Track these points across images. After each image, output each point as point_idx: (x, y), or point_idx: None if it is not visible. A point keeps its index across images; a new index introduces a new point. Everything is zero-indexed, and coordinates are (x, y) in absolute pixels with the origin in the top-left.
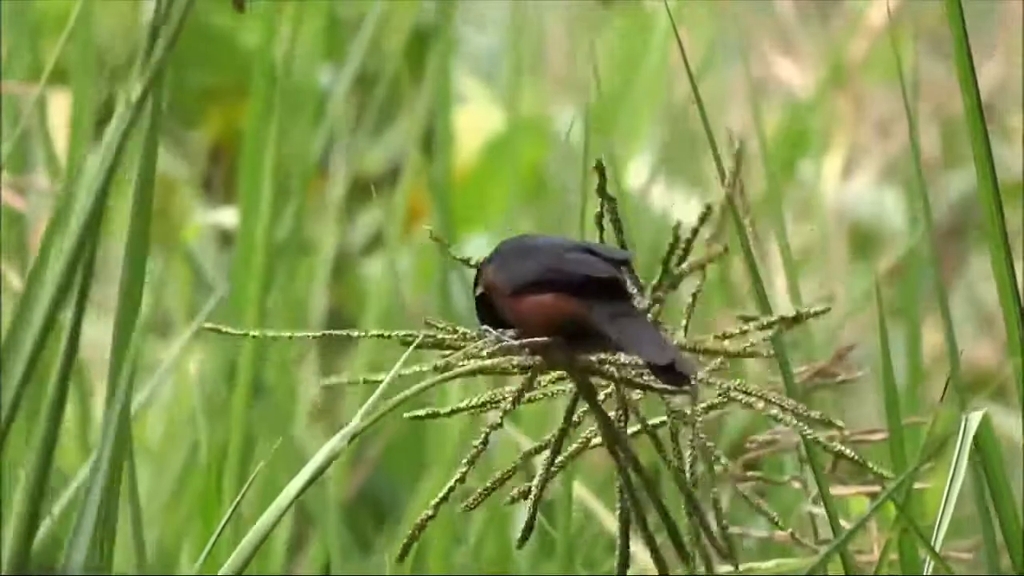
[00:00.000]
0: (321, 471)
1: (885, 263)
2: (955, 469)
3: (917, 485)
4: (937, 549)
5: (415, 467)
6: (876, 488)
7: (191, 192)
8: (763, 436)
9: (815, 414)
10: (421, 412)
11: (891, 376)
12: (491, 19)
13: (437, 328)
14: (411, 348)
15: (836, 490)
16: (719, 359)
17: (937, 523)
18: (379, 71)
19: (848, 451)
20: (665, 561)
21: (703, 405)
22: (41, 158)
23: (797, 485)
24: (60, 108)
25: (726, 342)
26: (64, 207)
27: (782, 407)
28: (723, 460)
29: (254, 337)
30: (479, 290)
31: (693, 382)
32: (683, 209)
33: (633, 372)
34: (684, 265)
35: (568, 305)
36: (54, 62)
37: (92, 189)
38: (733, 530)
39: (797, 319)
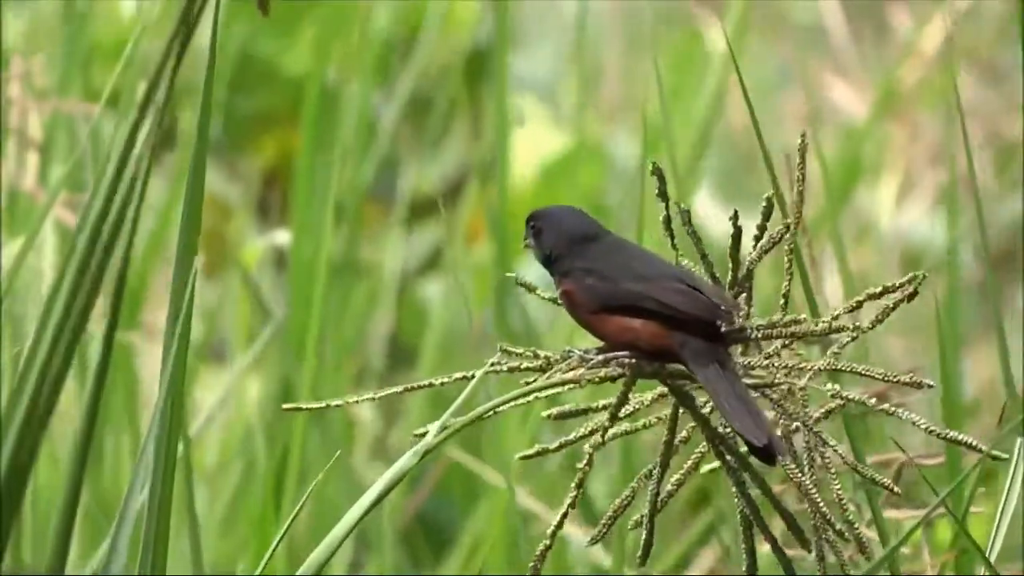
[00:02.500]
0: (390, 489)
1: (939, 289)
2: (1008, 493)
3: (972, 509)
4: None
5: (471, 492)
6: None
7: (246, 217)
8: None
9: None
10: (531, 451)
11: (951, 400)
12: (547, 39)
13: (517, 354)
14: (480, 374)
15: (890, 513)
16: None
17: (990, 545)
18: (434, 93)
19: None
20: (788, 559)
21: (823, 411)
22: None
23: (852, 508)
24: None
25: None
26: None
27: (878, 374)
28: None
29: (324, 408)
30: (559, 290)
31: (779, 456)
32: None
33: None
34: (753, 254)
35: (659, 336)
36: (111, 86)
37: (97, 207)
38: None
39: (884, 293)
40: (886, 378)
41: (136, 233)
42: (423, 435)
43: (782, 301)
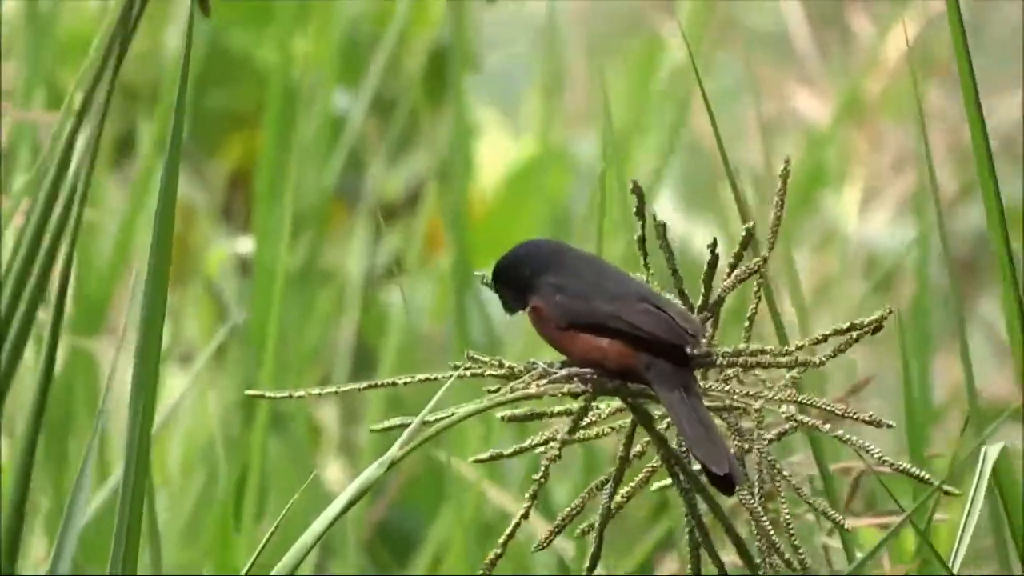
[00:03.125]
0: (355, 501)
1: (902, 297)
2: (973, 500)
3: (936, 516)
4: None
5: (433, 502)
6: (890, 520)
7: (211, 221)
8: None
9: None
10: (485, 455)
11: (913, 407)
12: (511, 43)
13: (482, 362)
14: (450, 380)
15: (850, 522)
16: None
17: (954, 552)
18: (398, 95)
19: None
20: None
21: (774, 434)
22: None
23: (811, 517)
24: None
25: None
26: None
27: (843, 411)
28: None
29: (287, 397)
30: (529, 304)
31: (737, 483)
32: (705, 239)
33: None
34: (726, 282)
35: (626, 357)
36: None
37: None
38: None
39: (851, 330)
40: (845, 414)
41: (77, 236)
42: (382, 430)
43: (747, 324)
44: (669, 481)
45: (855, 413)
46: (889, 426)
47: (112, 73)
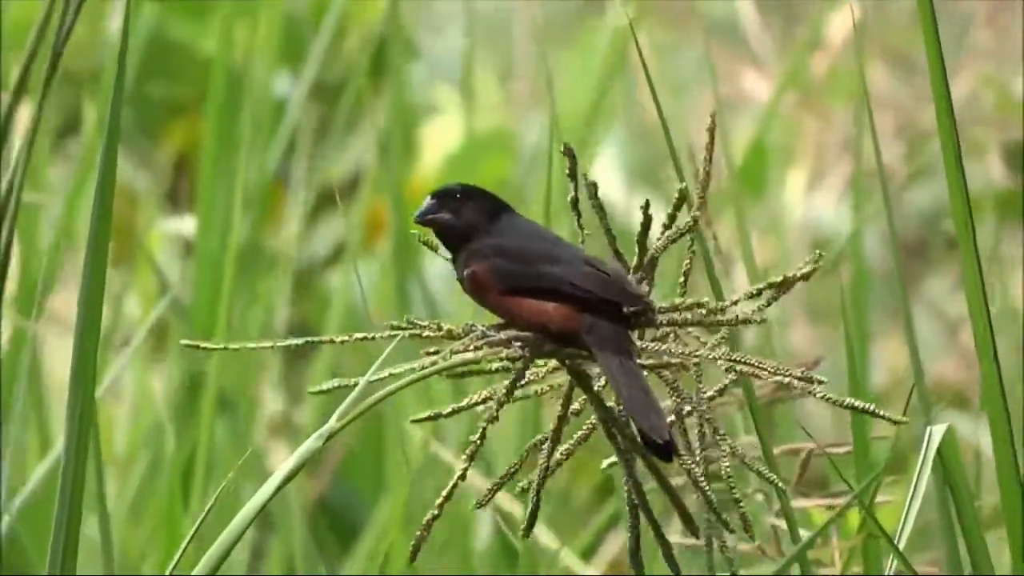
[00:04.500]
0: (295, 473)
1: (846, 278)
2: (918, 480)
3: (880, 498)
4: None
5: (375, 475)
6: (837, 501)
7: (155, 205)
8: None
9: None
10: (423, 415)
11: (857, 387)
12: (458, 25)
13: (421, 325)
14: (393, 343)
15: (798, 502)
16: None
17: (899, 530)
18: (342, 79)
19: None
20: (671, 546)
21: (714, 390)
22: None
23: (760, 497)
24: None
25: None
26: None
27: (777, 370)
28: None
29: (223, 349)
30: (464, 270)
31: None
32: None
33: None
34: (659, 242)
35: (570, 320)
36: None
37: None
38: (696, 542)
39: (785, 283)
40: (776, 372)
41: (16, 218)
42: (319, 392)
43: (682, 280)
44: (615, 459)
45: (787, 370)
46: (820, 382)
47: (54, 56)
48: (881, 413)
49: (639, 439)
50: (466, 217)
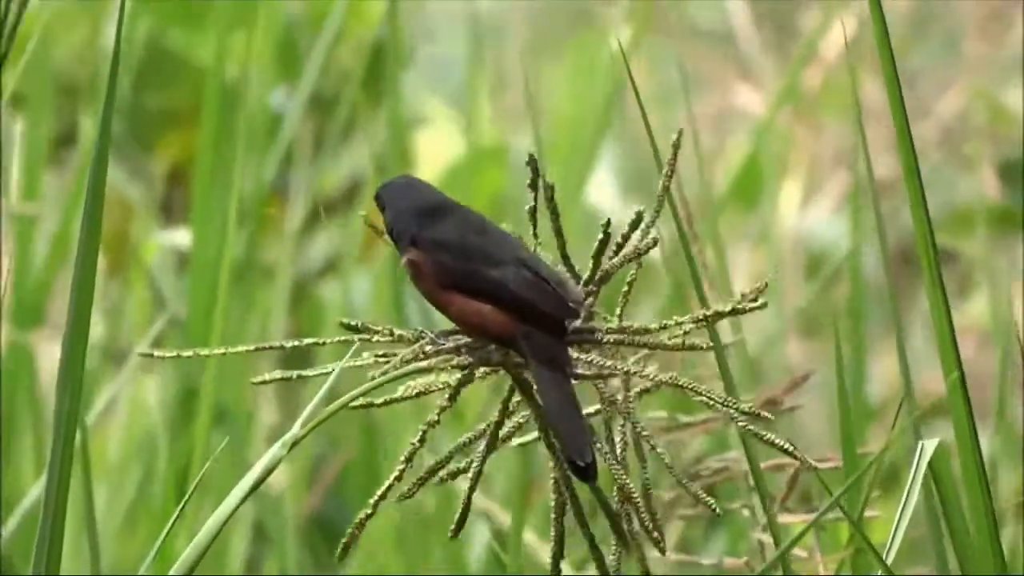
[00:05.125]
0: (264, 478)
1: (840, 291)
2: (908, 495)
3: (869, 513)
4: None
5: (369, 489)
6: (827, 516)
7: (150, 216)
8: (715, 463)
9: (746, 404)
10: (359, 402)
11: (846, 403)
12: (456, 37)
13: (373, 331)
14: (351, 352)
15: (784, 518)
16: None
17: (888, 545)
18: (338, 91)
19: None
20: (602, 553)
21: (636, 391)
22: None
23: (747, 512)
24: (14, 131)
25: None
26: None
27: (711, 397)
28: (683, 481)
29: (206, 357)
30: (404, 258)
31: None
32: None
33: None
34: (615, 259)
35: (505, 326)
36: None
37: None
38: (684, 557)
39: (732, 312)
40: (700, 392)
41: None
42: (261, 383)
43: (625, 291)
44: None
45: (707, 390)
46: (769, 418)
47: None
48: (795, 453)
49: (560, 458)
50: (393, 216)
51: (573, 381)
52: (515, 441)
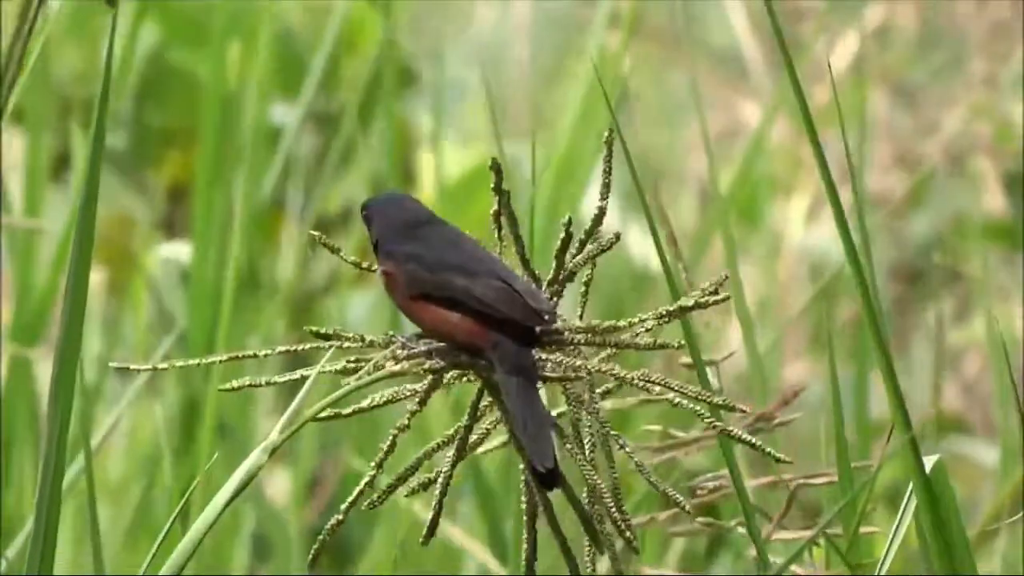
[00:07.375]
0: (248, 481)
1: (847, 307)
2: (904, 511)
3: (865, 529)
4: None
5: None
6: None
7: (151, 232)
8: (711, 482)
9: (719, 399)
10: (325, 413)
11: (840, 418)
12: (460, 52)
13: (344, 337)
14: (325, 359)
15: (780, 534)
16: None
17: (881, 561)
18: (338, 109)
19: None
20: (574, 555)
21: (601, 390)
22: None
23: (742, 530)
24: (16, 148)
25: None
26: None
27: (681, 392)
28: (680, 501)
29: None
30: (379, 270)
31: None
32: (639, 239)
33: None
34: (577, 258)
35: (474, 333)
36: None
37: None
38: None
39: (694, 307)
40: (664, 384)
41: None
42: (228, 390)
43: (583, 291)
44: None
45: (677, 385)
46: (737, 409)
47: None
48: (776, 455)
49: (526, 464)
50: (379, 231)
51: (540, 386)
52: (482, 448)
